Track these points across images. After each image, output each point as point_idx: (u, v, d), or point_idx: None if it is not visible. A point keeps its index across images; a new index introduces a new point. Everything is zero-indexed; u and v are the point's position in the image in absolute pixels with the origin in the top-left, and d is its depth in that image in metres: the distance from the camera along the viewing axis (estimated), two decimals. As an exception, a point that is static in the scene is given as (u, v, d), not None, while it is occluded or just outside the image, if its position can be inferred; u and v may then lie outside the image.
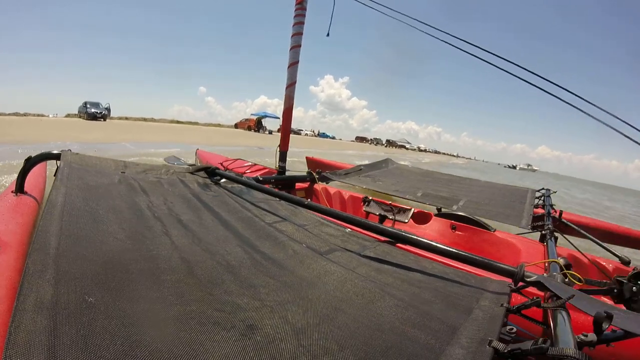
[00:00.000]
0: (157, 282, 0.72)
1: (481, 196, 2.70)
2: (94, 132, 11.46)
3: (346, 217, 1.36)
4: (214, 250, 0.94)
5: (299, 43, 2.62)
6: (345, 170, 3.32)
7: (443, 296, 0.85)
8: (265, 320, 0.65)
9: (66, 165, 1.33)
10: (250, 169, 2.98)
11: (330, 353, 0.57)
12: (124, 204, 1.14)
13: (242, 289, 0.76)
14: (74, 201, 1.01)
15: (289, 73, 2.64)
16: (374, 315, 0.72)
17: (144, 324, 0.57)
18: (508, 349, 0.58)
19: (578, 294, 0.80)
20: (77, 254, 0.73)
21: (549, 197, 2.71)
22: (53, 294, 0.57)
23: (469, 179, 3.69)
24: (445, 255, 1.10)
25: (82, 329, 0.51)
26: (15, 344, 0.45)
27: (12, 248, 0.92)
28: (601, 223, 2.66)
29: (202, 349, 0.53)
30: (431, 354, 0.61)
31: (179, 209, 1.21)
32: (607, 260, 1.82)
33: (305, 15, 2.61)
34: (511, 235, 2.13)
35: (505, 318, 0.73)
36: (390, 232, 1.23)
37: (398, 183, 3.00)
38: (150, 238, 0.93)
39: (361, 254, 1.08)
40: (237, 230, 1.12)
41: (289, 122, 2.78)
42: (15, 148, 6.02)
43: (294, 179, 2.84)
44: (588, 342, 0.62)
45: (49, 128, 11.43)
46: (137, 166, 1.66)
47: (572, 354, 0.52)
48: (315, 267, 0.93)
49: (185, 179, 1.64)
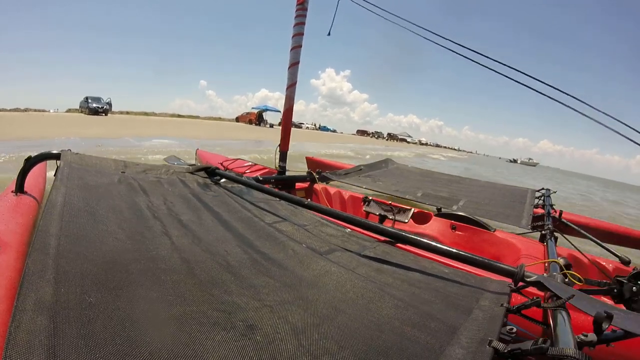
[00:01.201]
0: (157, 282, 0.72)
1: (481, 196, 2.70)
2: (96, 127, 11.58)
3: (346, 217, 1.36)
4: (214, 251, 0.94)
5: (299, 43, 2.62)
6: (345, 170, 3.32)
7: (443, 296, 0.85)
8: (265, 320, 0.65)
9: (66, 165, 1.33)
10: (250, 169, 2.98)
11: (330, 353, 0.57)
12: (124, 203, 1.14)
13: (242, 289, 0.76)
14: (74, 201, 1.01)
15: (290, 74, 2.64)
16: (374, 316, 0.72)
17: (144, 324, 0.57)
18: (508, 349, 0.58)
19: (578, 294, 0.80)
20: (77, 254, 0.73)
21: (549, 197, 2.72)
22: (53, 294, 0.57)
23: (469, 179, 3.69)
24: (445, 255, 1.10)
25: (82, 329, 0.51)
26: (15, 344, 0.45)
27: (12, 248, 0.92)
28: (601, 223, 2.66)
29: (202, 349, 0.53)
30: (431, 354, 0.61)
31: (179, 209, 1.21)
32: (607, 260, 1.82)
33: (306, 15, 2.61)
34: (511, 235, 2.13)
35: (505, 318, 0.73)
36: (390, 232, 1.24)
37: (398, 183, 3.00)
38: (150, 238, 0.93)
39: (361, 254, 1.08)
40: (237, 230, 1.12)
41: (289, 122, 2.78)
42: (20, 144, 6.08)
43: (294, 179, 2.84)
44: (588, 342, 0.62)
45: (51, 124, 11.51)
46: (137, 166, 1.66)
47: (572, 354, 0.52)
48: (315, 267, 0.93)
49: (185, 178, 1.64)
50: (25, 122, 11.69)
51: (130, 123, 15.76)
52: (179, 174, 1.69)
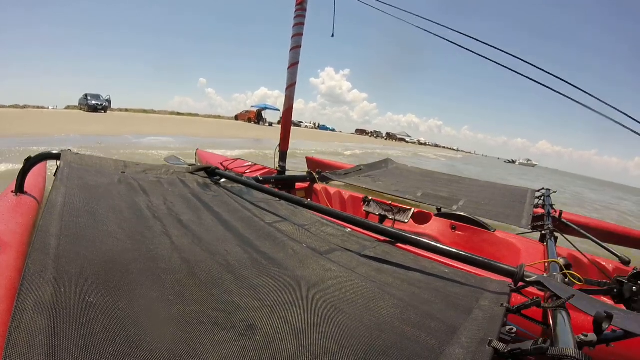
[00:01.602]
0: (157, 282, 0.72)
1: (481, 196, 2.70)
2: (96, 124, 11.68)
3: (346, 217, 1.36)
4: (214, 250, 0.94)
5: (299, 44, 2.62)
6: (345, 170, 3.32)
7: (443, 296, 0.85)
8: (265, 320, 0.65)
9: (66, 165, 1.33)
10: (250, 169, 2.98)
11: (330, 353, 0.57)
12: (124, 204, 1.14)
13: (242, 289, 0.76)
14: (74, 201, 1.01)
15: (289, 74, 2.64)
16: (374, 315, 0.72)
17: (144, 324, 0.57)
18: (508, 349, 0.58)
19: (578, 294, 0.80)
20: (77, 254, 0.73)
21: (549, 197, 2.71)
22: (53, 294, 0.57)
23: (469, 179, 3.69)
24: (445, 255, 1.10)
25: (82, 329, 0.51)
26: (15, 344, 0.45)
27: (12, 248, 0.92)
28: (601, 223, 2.66)
29: (202, 348, 0.53)
30: (431, 354, 0.61)
31: (179, 209, 1.21)
32: (607, 260, 1.82)
33: (305, 16, 2.61)
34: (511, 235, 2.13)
35: (505, 318, 0.73)
36: (390, 232, 1.24)
37: (398, 183, 3.00)
38: (150, 238, 0.93)
39: (361, 254, 1.08)
40: (237, 230, 1.12)
41: (289, 122, 2.78)
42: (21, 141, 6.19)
43: (294, 179, 2.84)
44: (588, 342, 0.62)
45: (51, 121, 11.61)
46: (137, 166, 1.66)
47: (572, 354, 0.52)
48: (315, 267, 0.93)
49: (185, 178, 1.64)
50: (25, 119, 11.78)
51: (130, 121, 15.86)
52: (179, 174, 1.69)
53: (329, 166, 4.21)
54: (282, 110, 2.78)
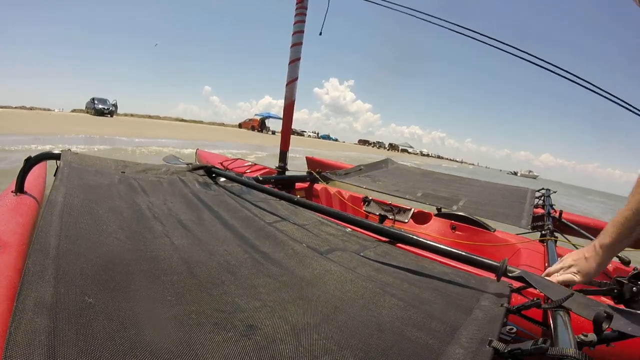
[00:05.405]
0: (157, 282, 0.72)
1: (481, 196, 2.70)
2: (105, 127, 12.20)
3: (346, 217, 1.36)
4: (213, 250, 0.94)
5: (300, 41, 2.62)
6: (345, 170, 3.31)
7: (443, 296, 0.85)
8: (265, 320, 0.65)
9: (66, 165, 1.33)
10: (250, 169, 2.98)
11: (330, 353, 0.57)
12: (124, 204, 1.14)
13: (242, 289, 0.76)
14: (74, 201, 1.01)
15: (290, 69, 2.64)
16: (374, 315, 0.72)
17: (144, 324, 0.57)
18: (508, 349, 0.58)
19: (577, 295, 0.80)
20: (77, 254, 0.73)
21: (549, 197, 2.71)
22: (53, 294, 0.57)
23: (469, 179, 3.69)
24: (445, 255, 1.10)
25: (82, 329, 0.51)
26: (15, 344, 0.45)
27: (12, 248, 0.92)
28: (601, 223, 2.66)
29: (202, 349, 0.53)
30: (431, 354, 0.61)
31: (178, 209, 1.21)
32: None
33: (306, 13, 2.61)
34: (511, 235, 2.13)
35: (506, 318, 0.73)
36: (390, 232, 1.23)
37: (398, 183, 3.00)
38: (150, 238, 0.93)
39: (361, 254, 1.08)
40: (237, 229, 1.13)
41: (289, 119, 2.77)
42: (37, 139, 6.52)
43: (294, 179, 2.84)
44: (588, 342, 0.62)
45: (61, 123, 12.05)
46: (137, 166, 1.66)
47: (572, 354, 0.52)
48: (315, 267, 0.93)
49: (185, 178, 1.64)
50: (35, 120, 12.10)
51: (136, 125, 16.37)
52: (179, 174, 1.69)
53: (329, 166, 4.21)
54: (283, 106, 2.75)
